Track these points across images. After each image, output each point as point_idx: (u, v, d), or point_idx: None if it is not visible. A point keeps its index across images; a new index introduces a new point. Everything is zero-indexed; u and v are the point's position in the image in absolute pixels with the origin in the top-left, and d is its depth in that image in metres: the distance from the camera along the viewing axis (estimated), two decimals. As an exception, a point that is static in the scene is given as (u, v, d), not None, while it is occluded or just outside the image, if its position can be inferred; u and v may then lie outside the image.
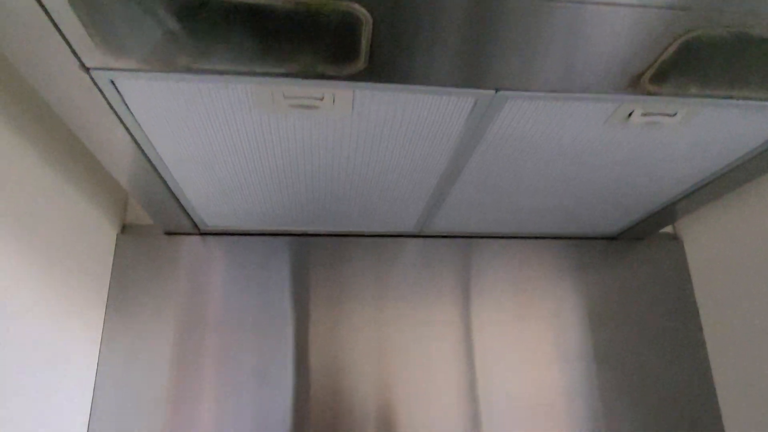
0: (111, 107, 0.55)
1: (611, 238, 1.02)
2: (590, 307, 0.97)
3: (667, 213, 0.90)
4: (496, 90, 0.54)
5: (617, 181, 0.77)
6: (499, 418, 0.88)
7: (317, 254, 0.95)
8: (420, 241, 0.98)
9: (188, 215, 0.86)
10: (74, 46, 0.46)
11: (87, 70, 0.49)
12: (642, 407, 0.92)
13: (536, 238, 1.00)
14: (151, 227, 0.94)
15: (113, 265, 0.90)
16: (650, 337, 0.96)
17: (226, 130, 0.61)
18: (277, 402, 0.86)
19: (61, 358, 0.76)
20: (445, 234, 0.98)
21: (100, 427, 0.82)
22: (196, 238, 0.93)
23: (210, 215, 0.87)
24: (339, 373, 0.88)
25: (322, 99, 0.54)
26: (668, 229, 1.05)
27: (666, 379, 0.94)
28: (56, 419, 0.74)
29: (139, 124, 0.59)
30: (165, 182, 0.75)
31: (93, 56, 0.47)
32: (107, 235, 0.89)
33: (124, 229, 0.93)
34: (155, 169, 0.70)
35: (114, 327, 0.87)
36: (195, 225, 0.91)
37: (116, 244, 0.92)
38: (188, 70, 0.49)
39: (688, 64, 0.50)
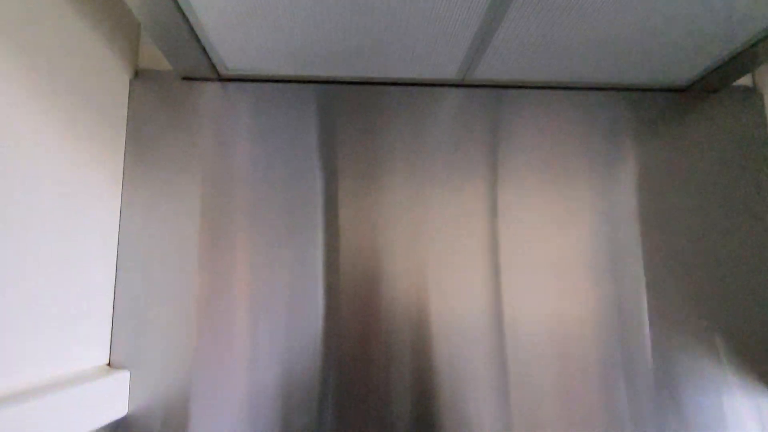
0: None
1: (679, 90, 0.90)
2: (645, 167, 0.88)
3: (749, 56, 0.78)
4: None
5: (701, 5, 0.65)
6: (520, 279, 0.83)
7: (347, 104, 0.86)
8: (461, 91, 0.88)
9: (206, 53, 0.77)
10: None
11: None
12: (693, 275, 0.85)
13: (591, 89, 0.89)
14: (166, 72, 0.85)
15: (128, 112, 0.84)
16: (713, 202, 0.87)
17: None
18: (308, 256, 0.82)
19: (83, 205, 0.71)
20: (489, 83, 0.88)
21: (128, 282, 0.80)
22: (216, 85, 0.85)
23: (230, 53, 0.77)
24: (368, 230, 0.83)
25: None
26: (746, 80, 0.93)
27: (726, 247, 0.86)
28: (81, 272, 0.71)
29: None
30: (179, 6, 0.65)
31: None
32: (120, 80, 0.82)
33: (138, 74, 0.85)
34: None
35: (134, 177, 0.82)
36: (214, 67, 0.82)
37: (130, 90, 0.84)
38: None
39: None
